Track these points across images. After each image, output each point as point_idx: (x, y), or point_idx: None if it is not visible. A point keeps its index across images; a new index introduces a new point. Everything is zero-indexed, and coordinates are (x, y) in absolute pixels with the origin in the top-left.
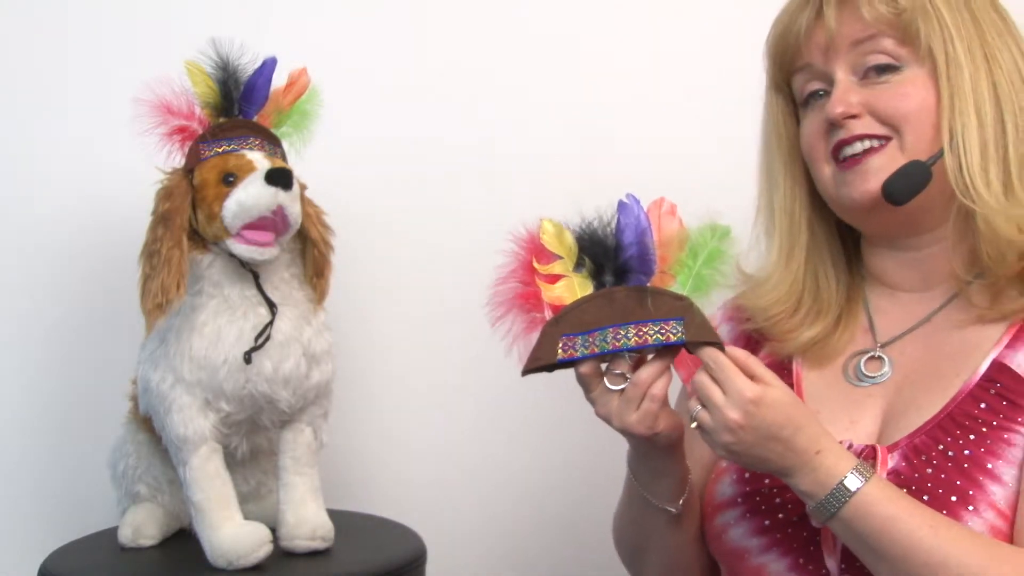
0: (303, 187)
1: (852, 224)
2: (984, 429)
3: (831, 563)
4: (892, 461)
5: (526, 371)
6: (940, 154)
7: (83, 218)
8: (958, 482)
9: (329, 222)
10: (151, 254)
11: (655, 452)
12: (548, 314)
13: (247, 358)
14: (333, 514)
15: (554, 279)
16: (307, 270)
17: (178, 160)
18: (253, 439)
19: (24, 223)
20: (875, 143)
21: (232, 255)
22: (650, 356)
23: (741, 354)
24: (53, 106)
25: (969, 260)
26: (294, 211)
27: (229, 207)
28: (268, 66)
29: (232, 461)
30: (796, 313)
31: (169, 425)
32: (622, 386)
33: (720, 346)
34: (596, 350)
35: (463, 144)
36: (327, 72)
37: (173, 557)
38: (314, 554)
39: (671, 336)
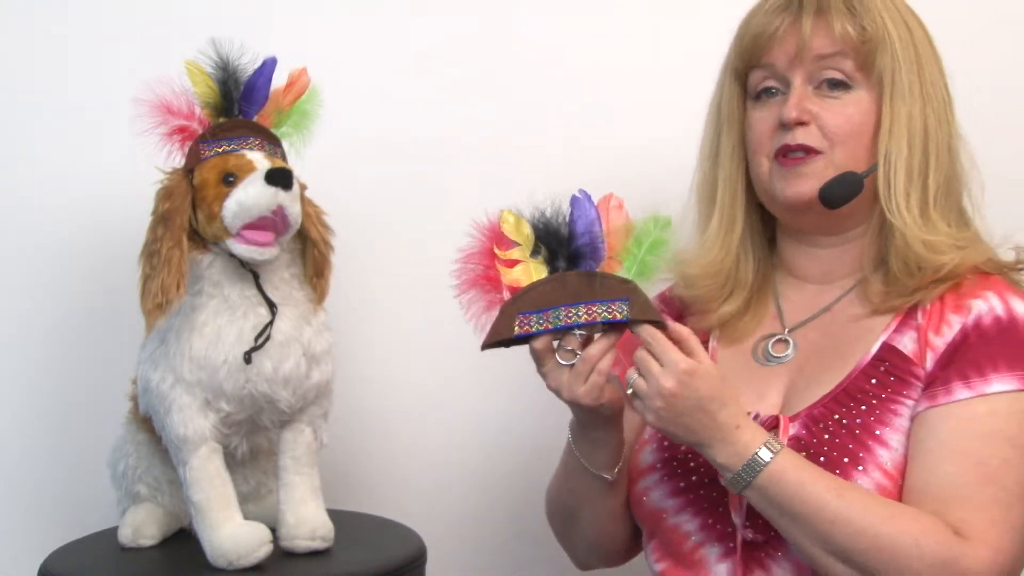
0: (303, 187)
1: (778, 216)
2: (874, 401)
3: (736, 519)
4: (793, 429)
5: (485, 345)
6: (873, 168)
7: (83, 218)
8: (850, 446)
9: (329, 222)
10: (151, 254)
11: (598, 423)
12: (506, 295)
13: (247, 358)
14: (333, 514)
15: (512, 264)
16: (307, 270)
17: (178, 160)
18: (253, 439)
19: (24, 223)
20: (808, 153)
21: (232, 255)
22: (597, 335)
23: (685, 332)
24: (53, 106)
25: (876, 260)
26: (294, 211)
27: (229, 207)
28: (268, 66)
29: (232, 461)
30: (722, 287)
31: (169, 425)
32: (572, 361)
33: (662, 324)
34: (549, 326)
35: (463, 144)
36: (327, 72)
37: (173, 557)
38: (314, 554)
39: (617, 314)
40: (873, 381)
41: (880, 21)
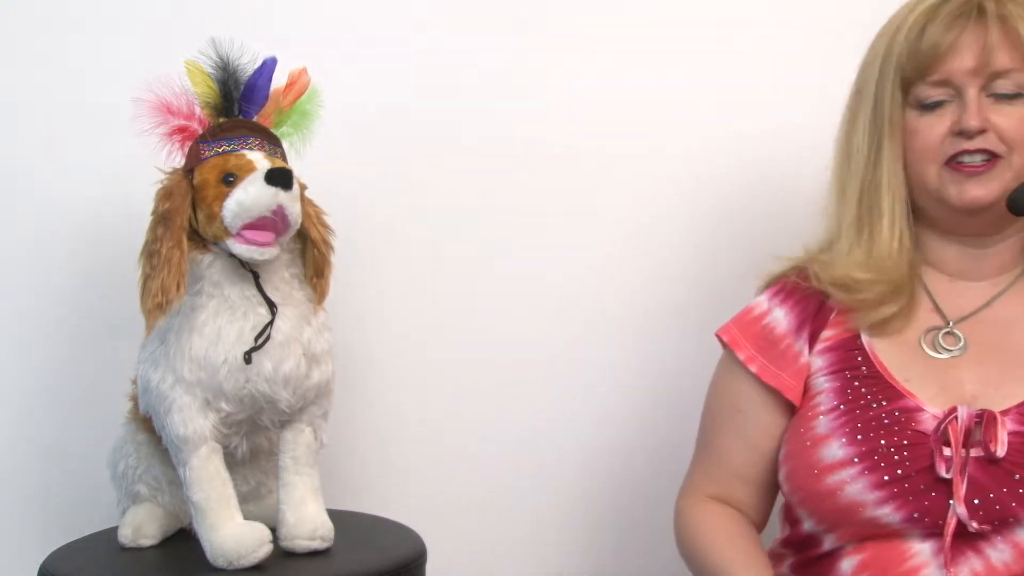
0: (303, 187)
1: (941, 218)
2: None
3: (961, 510)
4: (1010, 424)
5: None
6: None
7: (83, 218)
8: None
9: (329, 222)
10: (151, 254)
11: None
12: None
13: (247, 358)
14: (333, 514)
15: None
16: (307, 270)
17: (178, 160)
18: (253, 439)
19: (24, 223)
20: (989, 158)
21: (232, 255)
22: None
23: None
24: (53, 106)
25: None
26: (294, 211)
27: (229, 207)
28: (268, 66)
29: (232, 461)
30: (890, 292)
31: (169, 425)
32: None
33: None
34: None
35: (464, 145)
36: (327, 72)
37: (173, 557)
38: (314, 554)
39: None
40: None
41: None
